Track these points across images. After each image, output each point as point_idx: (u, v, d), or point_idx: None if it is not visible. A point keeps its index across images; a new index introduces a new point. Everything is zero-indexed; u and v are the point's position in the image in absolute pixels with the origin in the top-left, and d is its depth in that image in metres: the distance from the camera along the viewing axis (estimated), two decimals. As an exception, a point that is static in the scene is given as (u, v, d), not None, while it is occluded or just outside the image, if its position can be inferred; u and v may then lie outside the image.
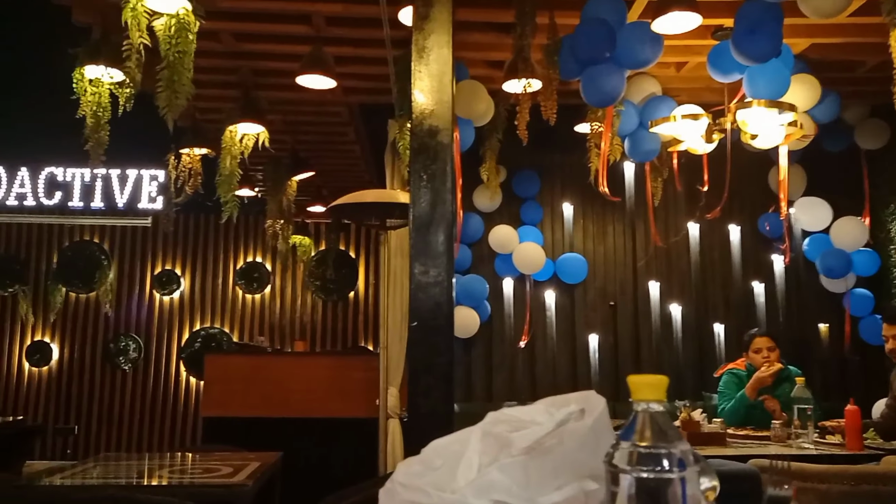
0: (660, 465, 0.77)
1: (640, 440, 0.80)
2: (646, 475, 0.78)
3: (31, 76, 8.08)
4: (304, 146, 6.24)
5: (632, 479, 0.78)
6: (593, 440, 1.00)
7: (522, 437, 1.05)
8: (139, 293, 8.81)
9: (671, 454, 0.78)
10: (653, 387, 0.82)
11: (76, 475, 3.25)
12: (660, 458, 0.78)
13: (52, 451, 8.10)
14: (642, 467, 0.78)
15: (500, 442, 1.11)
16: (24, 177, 8.76)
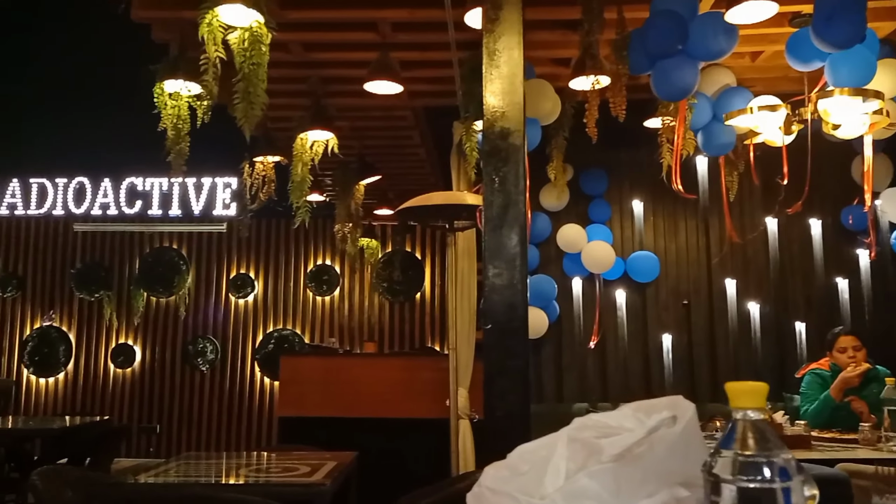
0: (763, 475, 0.76)
1: (741, 449, 0.78)
2: (749, 485, 0.76)
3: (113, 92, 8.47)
4: (370, 151, 6.33)
5: (734, 490, 0.77)
6: (683, 447, 0.98)
7: (612, 444, 1.05)
8: (215, 297, 9.13)
9: (774, 463, 0.77)
10: (752, 394, 0.80)
11: (163, 473, 3.39)
12: (763, 468, 0.76)
13: (137, 450, 8.48)
14: (745, 477, 0.77)
15: (588, 448, 1.10)
16: (107, 187, 9.20)
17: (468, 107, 4.13)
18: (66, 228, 9.17)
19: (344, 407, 5.46)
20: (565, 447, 1.09)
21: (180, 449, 8.74)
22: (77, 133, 8.71)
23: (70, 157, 9.07)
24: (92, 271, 9.06)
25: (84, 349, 9.00)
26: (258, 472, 3.56)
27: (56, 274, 9.11)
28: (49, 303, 9.06)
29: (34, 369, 8.94)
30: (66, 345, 8.96)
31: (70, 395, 8.92)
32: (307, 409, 5.50)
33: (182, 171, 3.78)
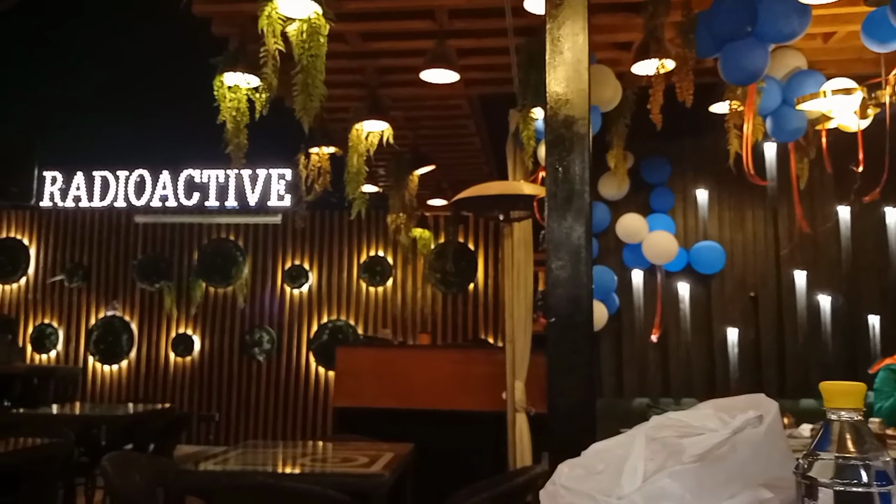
0: (861, 479, 0.74)
1: (839, 451, 0.77)
2: (847, 489, 0.75)
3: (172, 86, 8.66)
4: (424, 141, 6.30)
5: (831, 493, 0.76)
6: (767, 448, 0.97)
7: (694, 444, 1.00)
8: (271, 287, 9.27)
9: (872, 466, 0.75)
10: (849, 395, 0.79)
11: (226, 461, 3.44)
12: (861, 471, 0.75)
13: (197, 437, 8.68)
14: (843, 481, 0.75)
15: (669, 448, 1.07)
16: (166, 180, 9.42)
17: (525, 94, 4.05)
18: (127, 220, 9.44)
19: (398, 398, 5.46)
20: (643, 447, 1.06)
21: (238, 437, 8.93)
22: (137, 127, 8.95)
23: (130, 150, 9.33)
24: (152, 262, 9.31)
25: (146, 338, 9.26)
26: (317, 462, 3.58)
27: (119, 264, 9.39)
28: (112, 293, 9.35)
29: (99, 357, 9.25)
30: (128, 334, 9.24)
31: (133, 383, 9.20)
32: (362, 400, 5.52)
33: (241, 164, 3.81)
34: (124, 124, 9.23)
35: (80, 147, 9.42)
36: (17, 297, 9.47)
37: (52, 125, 9.52)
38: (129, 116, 9.24)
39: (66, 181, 9.50)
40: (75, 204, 9.48)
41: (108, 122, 9.54)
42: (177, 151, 9.24)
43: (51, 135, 9.32)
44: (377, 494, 3.05)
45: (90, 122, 9.73)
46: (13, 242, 9.54)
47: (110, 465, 3.24)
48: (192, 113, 4.77)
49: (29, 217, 9.58)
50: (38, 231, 9.56)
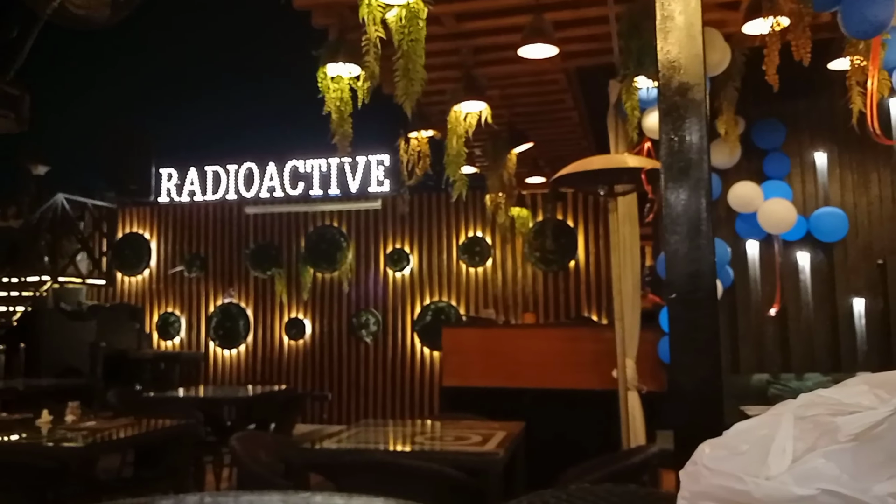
0: None
1: None
2: None
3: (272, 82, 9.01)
4: (521, 118, 6.24)
5: None
6: None
7: (849, 423, 0.96)
8: (374, 271, 9.51)
9: None
10: None
11: (344, 440, 3.58)
12: None
13: (311, 416, 9.08)
14: None
15: (820, 427, 1.03)
16: (273, 171, 9.83)
17: (627, 63, 3.92)
18: (238, 211, 9.92)
19: (505, 377, 5.49)
20: (791, 426, 1.02)
21: (349, 416, 9.26)
22: (244, 122, 9.39)
23: (239, 144, 9.82)
24: (264, 250, 9.76)
25: (261, 323, 9.74)
26: (431, 441, 3.66)
27: (233, 254, 9.90)
28: (228, 281, 9.88)
29: (219, 342, 9.81)
30: (244, 319, 9.74)
31: (250, 366, 9.72)
32: (469, 380, 5.59)
33: (347, 152, 3.91)
34: (232, 121, 9.71)
35: (192, 144, 9.98)
36: (142, 288, 10.18)
37: (167, 125, 10.14)
38: (236, 113, 9.72)
39: (180, 177, 10.09)
40: (190, 198, 10.06)
41: (217, 119, 10.06)
42: (281, 143, 9.63)
43: (165, 134, 9.92)
44: (493, 472, 3.09)
45: (201, 121, 10.30)
46: (136, 237, 10.24)
47: (238, 443, 3.44)
48: (293, 105, 4.96)
49: (149, 212, 10.26)
50: (157, 225, 10.22)
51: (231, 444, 3.42)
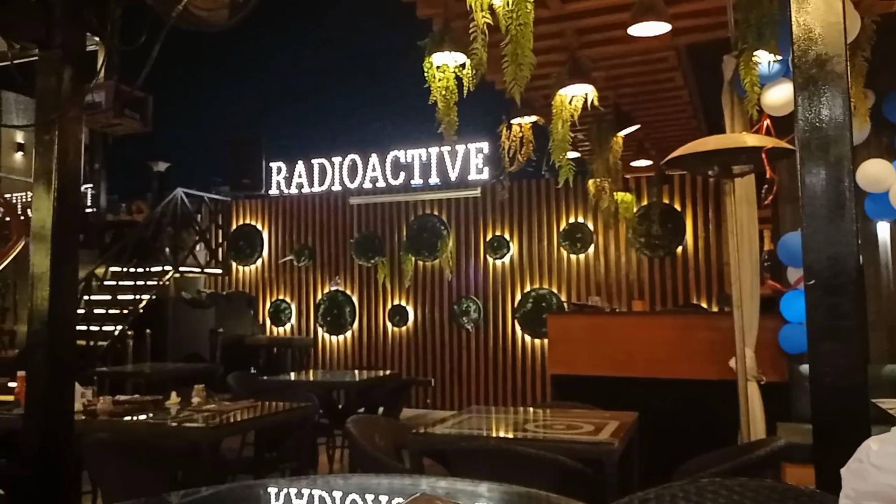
0: None
1: None
2: None
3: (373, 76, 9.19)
4: (626, 100, 6.06)
5: None
6: None
7: None
8: (475, 259, 9.54)
9: None
10: None
11: (456, 425, 3.62)
12: None
13: (416, 401, 9.26)
14: None
15: None
16: (375, 162, 10.04)
17: (745, 37, 3.72)
18: (343, 202, 10.21)
19: (614, 366, 5.37)
20: None
21: (452, 401, 9.37)
22: (347, 116, 9.65)
23: (343, 137, 10.10)
24: (367, 240, 10.00)
25: (366, 310, 10.00)
26: (543, 429, 3.63)
27: (338, 243, 10.21)
28: (334, 269, 10.20)
29: (327, 328, 10.16)
30: (350, 306, 10.04)
31: (356, 351, 10.01)
32: (577, 368, 5.51)
33: (454, 140, 3.92)
34: (336, 115, 10.01)
35: (299, 139, 10.36)
36: (255, 277, 10.68)
37: (276, 121, 10.58)
38: (340, 107, 10.00)
39: (289, 170, 10.49)
40: (298, 190, 10.45)
41: (322, 114, 10.40)
42: (383, 135, 9.84)
43: (275, 130, 10.34)
44: (608, 462, 3.04)
45: (307, 116, 10.67)
46: (249, 228, 10.74)
47: (354, 426, 3.54)
48: (394, 98, 5.05)
49: (260, 205, 10.73)
50: (268, 217, 10.67)
51: (347, 427, 3.53)
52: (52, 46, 2.96)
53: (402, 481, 2.37)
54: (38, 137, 3.04)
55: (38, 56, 3.02)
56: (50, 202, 2.99)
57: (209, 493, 2.03)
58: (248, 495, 2.18)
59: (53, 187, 2.98)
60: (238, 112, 10.39)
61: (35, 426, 2.99)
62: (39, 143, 3.03)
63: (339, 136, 10.24)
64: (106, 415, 3.89)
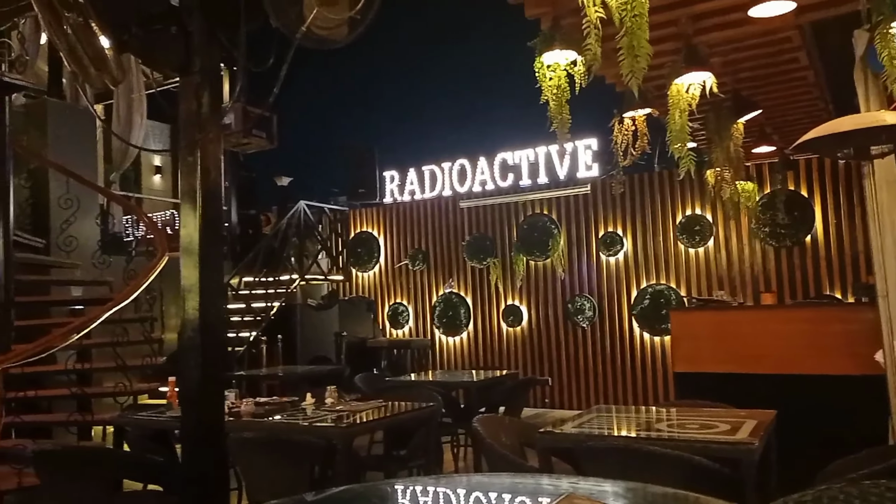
0: None
1: None
2: None
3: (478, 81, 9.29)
4: (746, 84, 5.79)
5: None
6: None
7: None
8: (587, 256, 9.42)
9: None
10: None
11: (584, 424, 3.60)
12: None
13: (534, 400, 9.24)
14: None
15: None
16: (483, 166, 10.14)
17: (879, 8, 3.48)
18: (454, 206, 10.37)
19: (742, 362, 5.16)
20: None
21: (571, 401, 9.28)
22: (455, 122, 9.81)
23: (451, 143, 10.27)
24: (479, 242, 10.10)
25: (480, 311, 10.10)
26: (674, 428, 3.54)
27: (451, 247, 10.38)
28: (448, 272, 10.37)
29: (443, 330, 10.34)
30: (465, 308, 10.17)
31: (472, 352, 10.12)
32: (702, 365, 5.34)
33: (567, 139, 3.91)
34: (444, 122, 10.21)
35: (410, 147, 10.64)
36: (373, 282, 11.04)
37: (387, 132, 10.92)
38: (448, 114, 10.20)
39: (401, 178, 10.79)
40: (411, 197, 10.72)
41: (431, 121, 10.64)
42: (490, 138, 9.92)
43: (387, 140, 10.68)
44: (748, 462, 2.93)
45: (416, 125, 10.95)
46: (367, 235, 11.13)
47: (481, 425, 3.61)
48: (500, 101, 5.10)
49: (376, 213, 11.09)
50: (384, 224, 11.01)
51: (473, 426, 3.60)
52: (191, 72, 3.22)
53: (543, 481, 2.40)
54: (182, 158, 3.31)
55: (180, 82, 3.29)
56: (196, 218, 3.25)
57: (381, 487, 2.14)
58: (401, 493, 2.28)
59: (198, 204, 3.23)
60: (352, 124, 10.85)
61: (189, 427, 3.25)
62: (184, 164, 3.30)
63: (448, 142, 10.45)
64: (249, 416, 4.17)
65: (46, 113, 7.41)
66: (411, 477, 4.25)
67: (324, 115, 12.70)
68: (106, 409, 6.13)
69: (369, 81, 11.36)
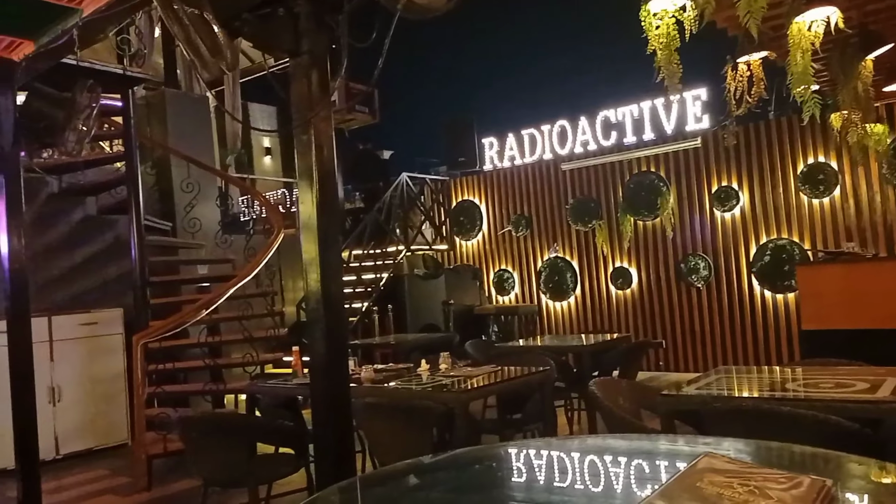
0: None
1: None
2: None
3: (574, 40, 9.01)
4: (874, 18, 5.30)
5: None
6: None
7: None
8: (699, 213, 9.03)
9: None
10: None
11: (708, 386, 3.48)
12: None
13: (647, 364, 9.05)
14: None
15: None
16: (584, 125, 9.88)
17: None
18: (555, 169, 10.20)
19: (878, 318, 4.83)
20: None
21: (687, 363, 9.02)
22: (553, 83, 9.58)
23: (550, 104, 10.06)
24: (583, 204, 9.91)
25: (587, 274, 9.95)
26: (806, 387, 3.37)
27: (554, 211, 10.24)
28: (552, 237, 10.26)
29: (549, 295, 10.28)
30: (571, 272, 10.04)
31: (581, 316, 10.01)
32: (831, 322, 5.04)
33: (678, 90, 3.74)
34: (542, 83, 10.02)
35: (508, 112, 10.53)
36: (477, 250, 11.09)
37: (486, 98, 10.84)
38: (545, 75, 9.99)
39: (500, 144, 10.71)
40: (511, 163, 10.63)
41: (528, 84, 10.46)
42: (590, 97, 9.64)
43: (485, 107, 10.61)
44: (891, 423, 2.75)
45: (513, 89, 10.80)
46: (468, 204, 11.17)
47: (598, 389, 3.57)
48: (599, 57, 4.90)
49: (476, 181, 11.09)
50: (485, 191, 11.00)
51: (590, 390, 3.56)
52: (300, 53, 3.30)
53: (678, 442, 2.35)
54: (297, 138, 3.42)
55: (290, 64, 3.39)
56: (312, 195, 3.36)
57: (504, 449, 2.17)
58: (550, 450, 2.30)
59: (315, 181, 3.34)
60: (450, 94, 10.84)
61: (318, 393, 3.40)
62: (299, 144, 3.40)
63: (547, 104, 10.28)
64: (369, 382, 4.32)
65: (165, 103, 7.86)
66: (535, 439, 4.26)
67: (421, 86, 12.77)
68: (235, 379, 6.56)
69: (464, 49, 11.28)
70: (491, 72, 10.09)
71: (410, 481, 2.04)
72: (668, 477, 1.41)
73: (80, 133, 4.75)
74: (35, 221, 6.34)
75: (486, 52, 10.38)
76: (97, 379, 6.52)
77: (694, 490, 1.29)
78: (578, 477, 1.86)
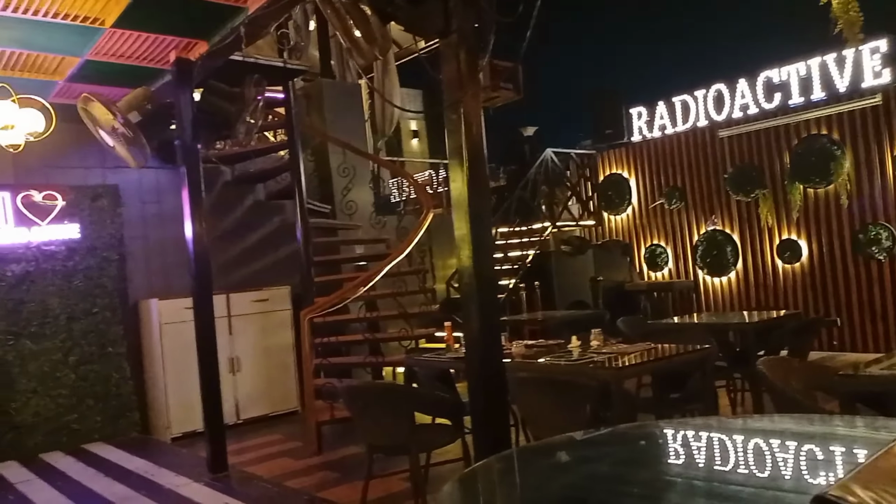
0: None
1: None
2: None
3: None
4: None
5: None
6: None
7: None
8: (881, 178, 8.16)
9: None
10: None
11: (892, 367, 3.17)
12: None
13: (819, 343, 8.36)
14: None
15: None
16: (744, 88, 9.21)
17: None
18: (711, 137, 9.62)
19: None
20: None
21: (866, 342, 8.25)
22: (706, 44, 9.00)
23: (704, 68, 9.47)
24: (743, 173, 9.28)
25: (749, 248, 9.34)
26: None
27: (710, 181, 9.68)
28: (709, 208, 9.71)
29: (707, 270, 9.76)
30: (731, 245, 9.47)
31: (742, 292, 9.42)
32: None
33: (858, 39, 3.40)
34: (693, 47, 9.43)
35: (657, 79, 10.05)
36: (626, 225, 10.76)
37: (632, 67, 10.43)
38: (697, 38, 9.40)
39: (649, 114, 10.26)
40: (661, 132, 10.16)
41: (678, 49, 9.91)
42: (750, 57, 8.95)
43: (631, 75, 10.20)
44: None
45: (662, 55, 10.29)
46: (616, 177, 10.84)
47: (767, 368, 3.36)
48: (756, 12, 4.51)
49: (624, 153, 10.72)
50: (633, 163, 10.62)
51: (758, 369, 3.37)
52: (449, 34, 3.35)
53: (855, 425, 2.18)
54: (447, 118, 3.49)
55: (440, 45, 3.45)
56: (463, 173, 3.42)
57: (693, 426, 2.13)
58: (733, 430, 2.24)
59: (465, 159, 3.40)
60: (593, 65, 10.51)
61: (474, 367, 3.49)
62: (449, 123, 3.47)
63: (700, 67, 9.64)
64: (520, 357, 4.35)
65: (322, 92, 8.29)
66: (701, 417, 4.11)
67: (563, 59, 12.49)
68: (391, 353, 6.87)
69: (606, 16, 10.85)
70: (638, 38, 9.67)
71: (575, 453, 2.04)
72: (849, 463, 1.31)
73: (248, 125, 5.14)
74: (213, 208, 6.96)
75: (631, 19, 9.94)
76: (270, 351, 7.09)
77: (893, 474, 1.18)
78: (765, 458, 1.78)
